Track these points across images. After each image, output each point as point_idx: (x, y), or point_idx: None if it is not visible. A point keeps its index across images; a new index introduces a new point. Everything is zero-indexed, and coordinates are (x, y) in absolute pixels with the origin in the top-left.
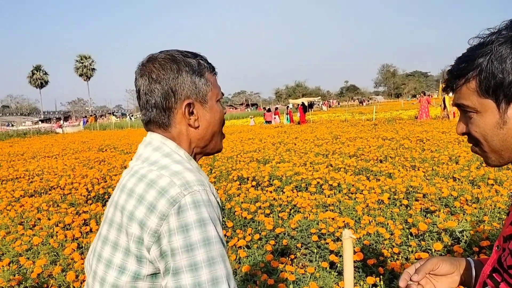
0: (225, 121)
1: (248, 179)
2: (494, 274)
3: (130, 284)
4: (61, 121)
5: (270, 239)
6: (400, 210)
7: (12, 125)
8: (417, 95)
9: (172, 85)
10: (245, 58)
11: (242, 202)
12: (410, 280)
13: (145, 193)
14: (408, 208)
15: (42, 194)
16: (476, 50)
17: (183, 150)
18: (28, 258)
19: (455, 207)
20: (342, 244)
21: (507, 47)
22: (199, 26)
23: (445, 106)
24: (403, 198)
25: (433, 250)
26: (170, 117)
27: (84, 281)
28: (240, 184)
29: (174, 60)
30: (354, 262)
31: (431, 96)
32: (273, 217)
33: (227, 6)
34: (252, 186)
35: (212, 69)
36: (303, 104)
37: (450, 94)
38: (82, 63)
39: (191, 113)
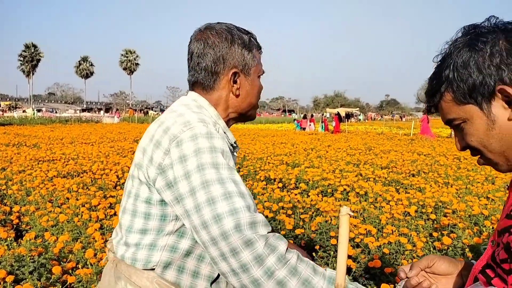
0: (260, 96)
1: (275, 181)
2: (487, 270)
3: (145, 209)
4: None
5: (289, 239)
6: (426, 223)
7: (56, 112)
8: None
9: (224, 53)
10: (285, 64)
11: (265, 201)
12: (406, 276)
13: (156, 134)
14: (435, 222)
15: (74, 176)
16: (441, 65)
17: (214, 108)
18: (53, 234)
19: (485, 226)
20: (339, 220)
21: (465, 52)
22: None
23: None
24: (431, 213)
25: None
26: (216, 81)
27: (101, 259)
28: (266, 184)
29: (229, 31)
30: (372, 269)
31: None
32: (294, 218)
33: (274, 12)
34: (278, 187)
35: (259, 47)
36: (338, 114)
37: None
38: (127, 57)
39: (235, 82)
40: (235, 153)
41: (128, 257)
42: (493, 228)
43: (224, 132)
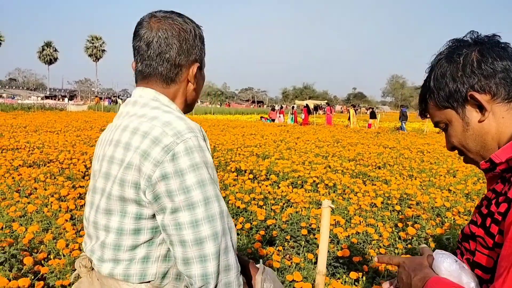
0: None
1: (245, 172)
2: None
3: (134, 225)
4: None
5: (260, 230)
6: (391, 214)
7: (17, 99)
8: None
9: (189, 46)
10: (254, 54)
11: (237, 192)
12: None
13: (140, 144)
14: (400, 213)
15: (40, 166)
16: (428, 76)
17: (175, 104)
18: (21, 225)
19: (447, 217)
20: (321, 212)
21: (444, 63)
22: (211, 17)
23: (349, 117)
24: (396, 204)
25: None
26: (178, 74)
27: (74, 250)
28: (237, 176)
29: (192, 23)
30: (341, 258)
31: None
32: (265, 209)
33: (243, 1)
34: (249, 178)
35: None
36: (307, 106)
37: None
38: (93, 43)
39: (196, 75)
40: None
41: (119, 273)
42: (454, 219)
43: None
